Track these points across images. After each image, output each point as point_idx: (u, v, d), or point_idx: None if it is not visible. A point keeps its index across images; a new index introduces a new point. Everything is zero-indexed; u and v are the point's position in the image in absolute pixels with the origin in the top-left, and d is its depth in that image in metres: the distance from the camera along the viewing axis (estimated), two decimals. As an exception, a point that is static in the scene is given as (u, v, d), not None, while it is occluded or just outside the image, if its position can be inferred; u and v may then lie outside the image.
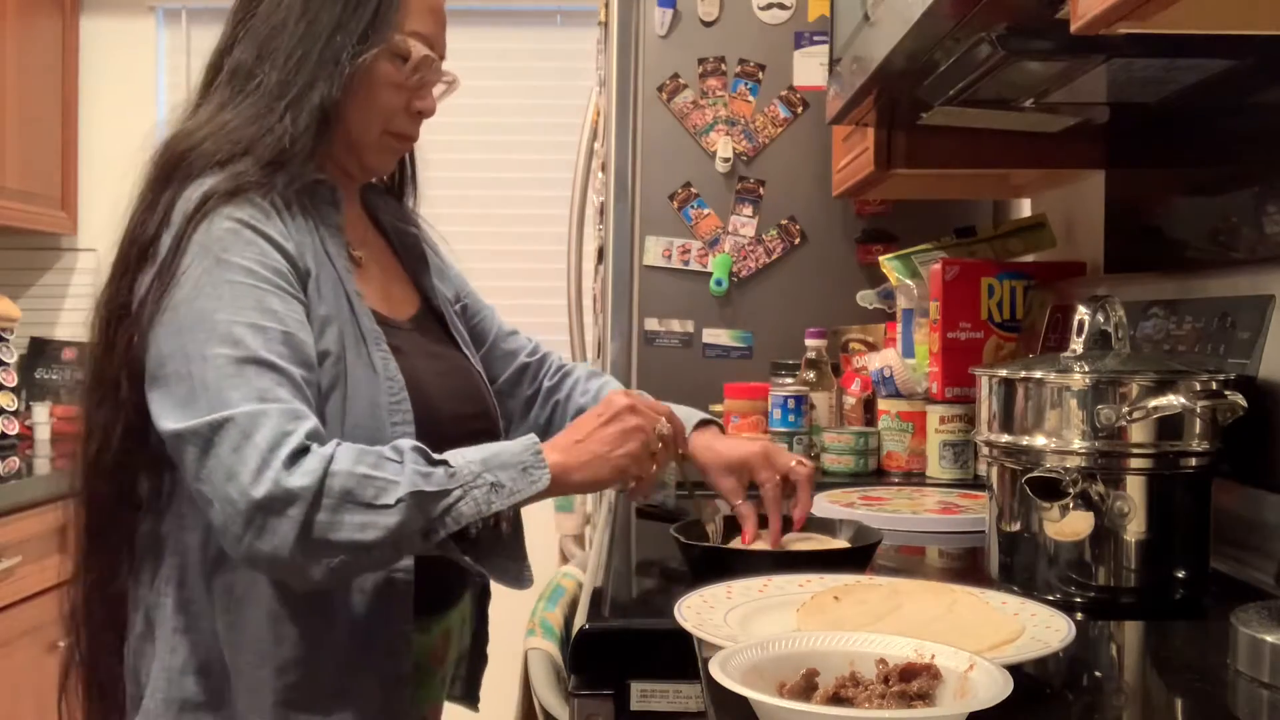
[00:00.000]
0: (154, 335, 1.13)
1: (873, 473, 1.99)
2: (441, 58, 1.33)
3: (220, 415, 1.07)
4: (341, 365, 1.19)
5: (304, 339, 1.15)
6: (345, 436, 1.15)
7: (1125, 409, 1.09)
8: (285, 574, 1.10)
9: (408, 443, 1.13)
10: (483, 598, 1.46)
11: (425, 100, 1.32)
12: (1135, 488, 1.11)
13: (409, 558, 1.20)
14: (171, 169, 1.21)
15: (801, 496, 1.35)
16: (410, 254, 1.45)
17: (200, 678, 1.19)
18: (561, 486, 1.17)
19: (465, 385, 1.37)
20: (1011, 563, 1.19)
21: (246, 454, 1.06)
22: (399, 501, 1.07)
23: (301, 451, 1.07)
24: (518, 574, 1.19)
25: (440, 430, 1.22)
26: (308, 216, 1.23)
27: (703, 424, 1.44)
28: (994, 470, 1.21)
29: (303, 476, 1.05)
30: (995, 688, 0.75)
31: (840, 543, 1.31)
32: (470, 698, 1.47)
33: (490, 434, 1.35)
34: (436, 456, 1.12)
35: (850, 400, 2.18)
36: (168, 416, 1.10)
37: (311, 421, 1.10)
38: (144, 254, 1.17)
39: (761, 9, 2.48)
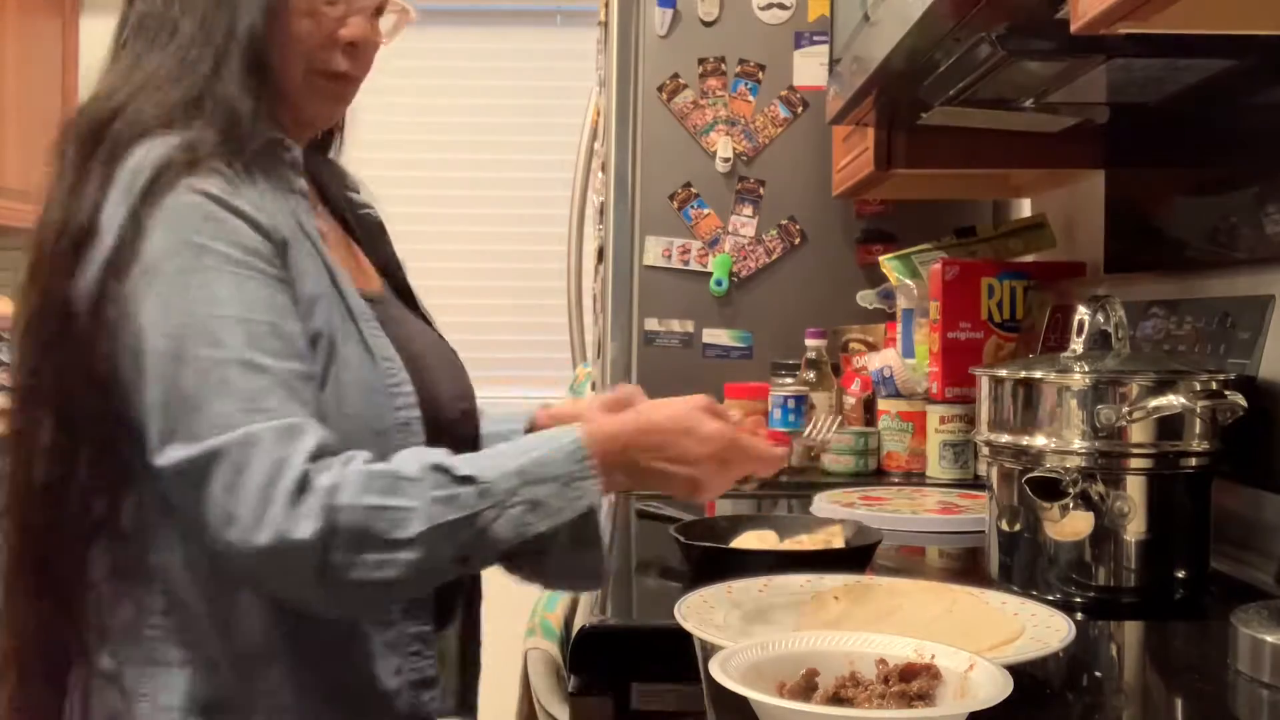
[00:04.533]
0: (122, 333, 1.00)
1: (873, 473, 1.99)
2: None
3: (206, 447, 0.95)
4: (332, 347, 1.06)
5: (292, 328, 1.02)
6: (343, 427, 1.02)
7: (1125, 409, 1.09)
8: (313, 610, 1.02)
9: (430, 457, 1.00)
10: (471, 601, 1.31)
11: (351, 27, 1.13)
12: (1135, 488, 1.11)
13: None
14: (95, 139, 1.05)
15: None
16: (364, 224, 1.30)
17: (206, 714, 1.05)
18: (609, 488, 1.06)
19: (452, 363, 1.25)
20: (1011, 563, 1.18)
21: (242, 494, 0.94)
22: (418, 535, 0.96)
23: (302, 485, 0.95)
24: (592, 574, 1.08)
25: (440, 414, 1.13)
26: (269, 181, 1.09)
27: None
28: (994, 470, 1.21)
29: (306, 521, 0.94)
30: (995, 688, 0.75)
31: (840, 543, 1.31)
32: (465, 711, 1.31)
33: (473, 417, 1.25)
34: (462, 471, 0.99)
35: (850, 400, 2.17)
36: (151, 439, 0.98)
37: (310, 437, 0.97)
38: (82, 241, 1.02)
39: (761, 9, 2.48)
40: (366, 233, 1.29)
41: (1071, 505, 1.11)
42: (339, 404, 1.05)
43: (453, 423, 1.12)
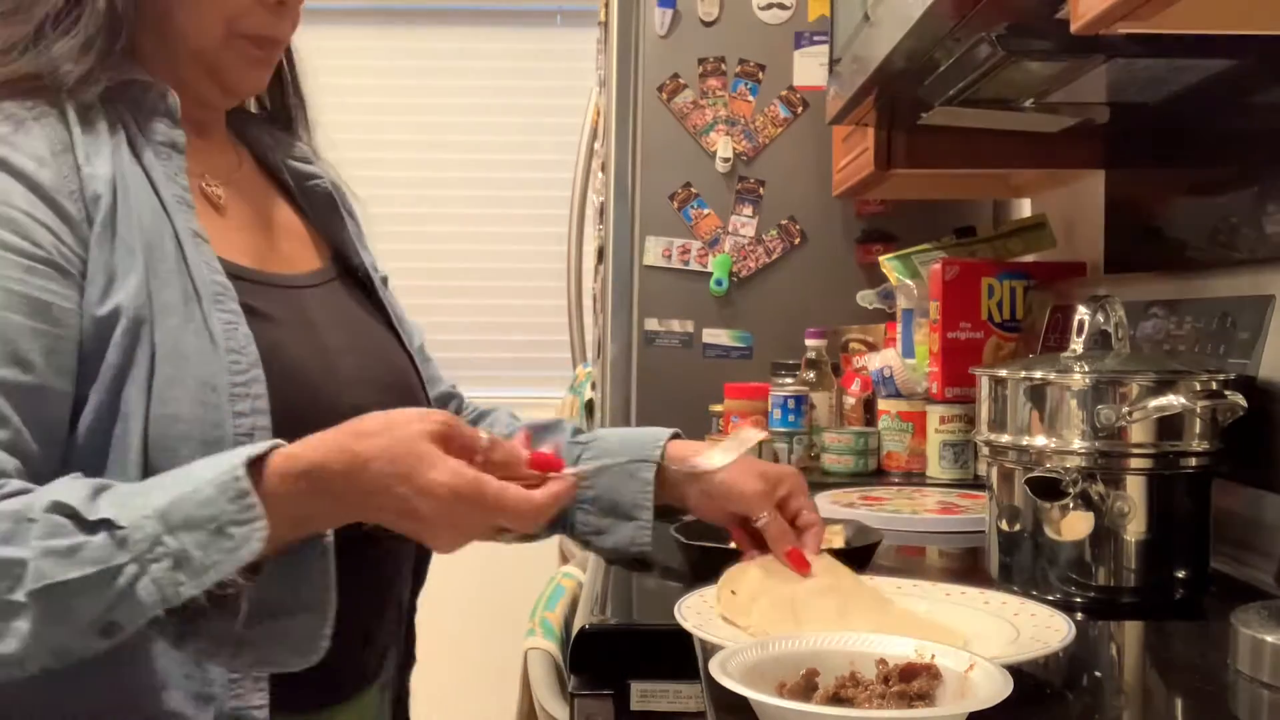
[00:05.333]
0: None
1: (873, 473, 1.99)
2: None
3: None
4: (142, 331, 0.88)
5: (21, 321, 0.84)
6: (161, 432, 0.86)
7: (1125, 409, 1.09)
8: None
9: (59, 492, 0.80)
10: (400, 672, 1.13)
11: None
12: (1135, 488, 1.11)
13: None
14: None
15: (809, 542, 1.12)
16: (311, 196, 1.14)
17: None
18: (291, 535, 0.82)
19: (382, 368, 1.06)
20: (1011, 563, 1.18)
21: None
22: (28, 599, 0.76)
23: None
24: (302, 651, 0.84)
25: (318, 428, 0.90)
26: (119, 129, 0.95)
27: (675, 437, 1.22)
28: (994, 470, 1.21)
29: None
30: (995, 688, 0.75)
31: (840, 543, 1.31)
32: None
33: None
34: (97, 512, 0.78)
35: (850, 400, 2.17)
36: None
37: None
38: None
39: (761, 9, 2.48)
40: (314, 206, 1.14)
41: (1071, 505, 1.11)
42: (150, 405, 0.87)
43: None
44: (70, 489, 0.80)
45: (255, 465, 0.81)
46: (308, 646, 0.84)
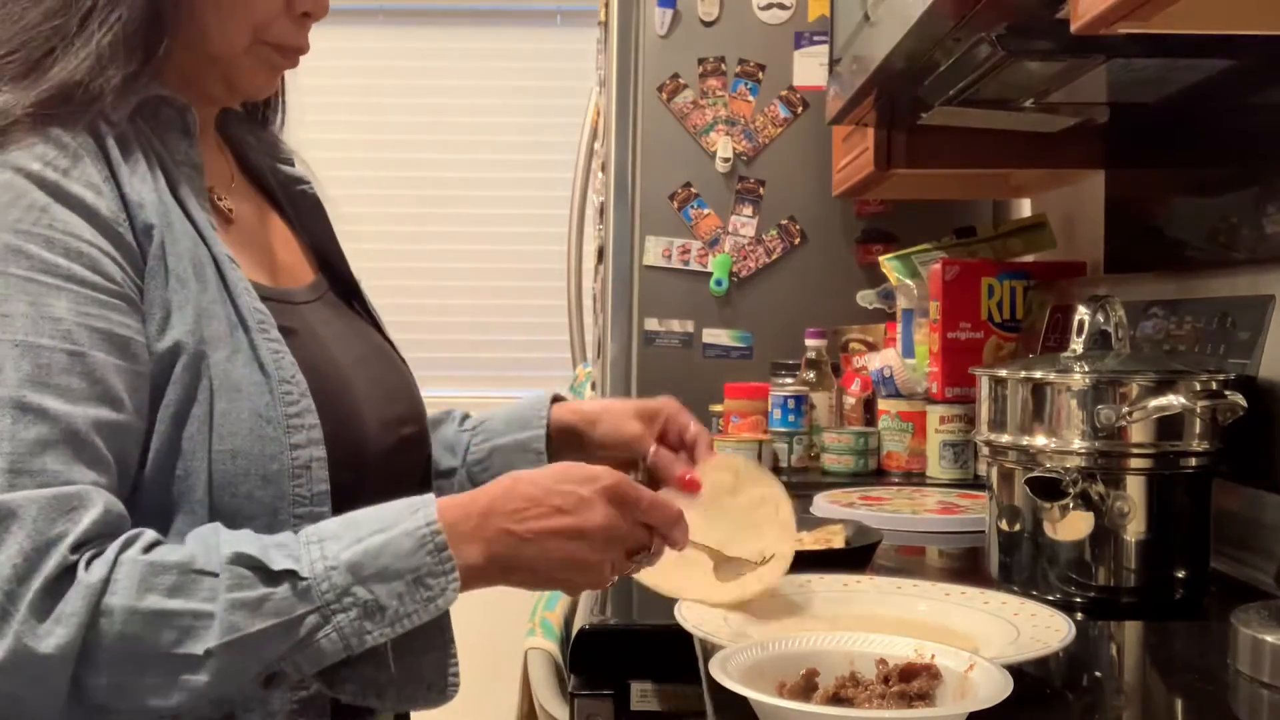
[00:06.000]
0: None
1: (873, 473, 1.99)
2: None
3: None
4: (202, 366, 0.85)
5: (105, 358, 0.81)
6: (220, 469, 0.84)
7: (1125, 409, 1.09)
8: None
9: (232, 543, 0.79)
10: None
11: None
12: (1135, 488, 1.11)
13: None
14: None
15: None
16: (300, 205, 1.11)
17: None
18: (468, 587, 0.83)
19: (390, 376, 1.05)
20: (1011, 563, 1.19)
21: None
22: (208, 654, 0.75)
23: (62, 577, 0.74)
24: (437, 687, 0.86)
25: (364, 448, 0.94)
26: (146, 150, 0.90)
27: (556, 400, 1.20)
28: (994, 470, 1.21)
29: (59, 628, 0.73)
30: (995, 688, 0.76)
31: (840, 543, 1.31)
32: None
33: (422, 444, 1.07)
34: (278, 564, 0.78)
35: (850, 400, 2.18)
36: None
37: (92, 511, 0.77)
38: None
39: (761, 9, 2.49)
40: (300, 212, 1.11)
41: (1071, 505, 1.11)
42: (211, 442, 0.85)
43: (385, 455, 0.96)
44: (230, 541, 0.79)
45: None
46: (441, 683, 0.86)
